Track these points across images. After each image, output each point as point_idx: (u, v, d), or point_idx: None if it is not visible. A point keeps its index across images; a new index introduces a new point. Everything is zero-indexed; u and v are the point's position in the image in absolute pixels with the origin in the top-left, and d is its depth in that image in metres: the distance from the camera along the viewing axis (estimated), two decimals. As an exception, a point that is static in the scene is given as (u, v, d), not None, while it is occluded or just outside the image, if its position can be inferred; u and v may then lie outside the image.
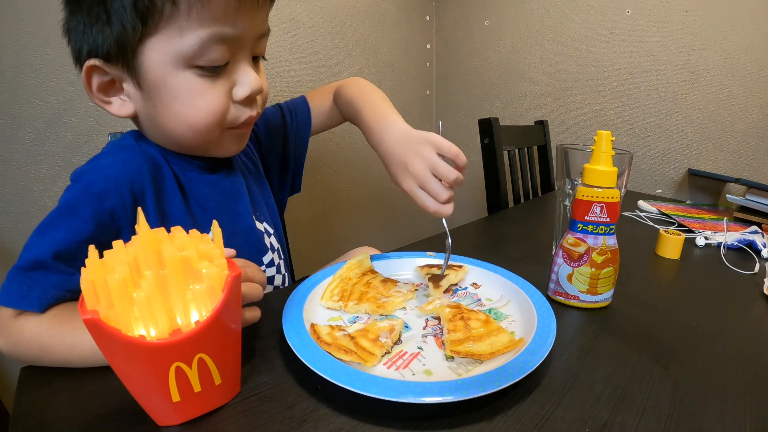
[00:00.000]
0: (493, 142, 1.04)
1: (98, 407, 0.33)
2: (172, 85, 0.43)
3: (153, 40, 0.41)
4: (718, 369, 0.40)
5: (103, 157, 0.48)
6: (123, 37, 0.41)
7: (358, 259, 0.56)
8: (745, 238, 0.75)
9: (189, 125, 0.46)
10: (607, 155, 0.48)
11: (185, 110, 0.44)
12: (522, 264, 0.64)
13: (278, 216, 0.69)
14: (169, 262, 0.29)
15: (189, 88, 0.43)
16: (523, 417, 0.33)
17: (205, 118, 0.45)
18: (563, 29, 1.36)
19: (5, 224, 0.85)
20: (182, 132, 0.46)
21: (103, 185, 0.44)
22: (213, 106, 0.45)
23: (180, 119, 0.45)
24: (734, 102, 1.10)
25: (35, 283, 0.39)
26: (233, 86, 0.46)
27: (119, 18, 0.40)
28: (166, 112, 0.45)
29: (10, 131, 0.83)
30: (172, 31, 0.40)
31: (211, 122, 0.46)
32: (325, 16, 1.30)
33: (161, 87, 0.43)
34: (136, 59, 0.42)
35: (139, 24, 0.40)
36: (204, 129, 0.46)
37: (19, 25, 0.80)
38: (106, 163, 0.46)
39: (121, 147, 0.50)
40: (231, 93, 0.46)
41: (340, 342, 0.39)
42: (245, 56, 0.46)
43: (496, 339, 0.40)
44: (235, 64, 0.45)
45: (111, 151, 0.49)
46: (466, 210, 1.79)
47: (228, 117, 0.47)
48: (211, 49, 0.42)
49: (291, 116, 0.71)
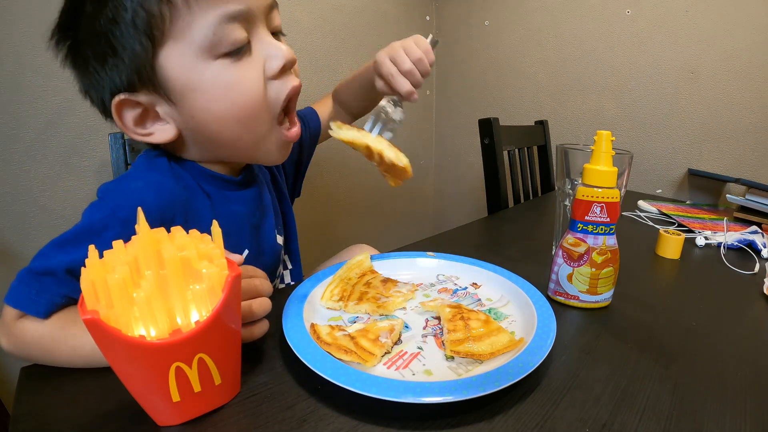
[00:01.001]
0: (493, 142, 1.04)
1: (98, 407, 0.33)
2: (203, 84, 0.41)
3: (166, 48, 0.40)
4: (718, 369, 0.40)
5: (133, 180, 0.46)
6: (136, 60, 0.40)
7: (358, 259, 0.56)
8: (745, 238, 0.75)
9: (234, 118, 0.44)
10: (607, 155, 0.48)
11: (225, 105, 0.43)
12: (522, 264, 0.64)
13: (293, 223, 0.69)
14: (169, 262, 0.29)
15: (220, 81, 0.41)
16: (523, 417, 0.33)
17: (246, 104, 0.43)
18: (563, 29, 1.36)
19: (5, 224, 0.85)
20: (230, 131, 0.44)
21: (130, 212, 0.41)
22: (251, 88, 0.43)
23: (223, 116, 0.43)
24: (734, 102, 1.10)
25: (45, 288, 0.38)
26: (264, 64, 0.44)
27: (124, 43, 0.39)
28: (207, 116, 0.43)
29: (10, 131, 0.83)
30: (181, 31, 0.39)
31: (255, 106, 0.43)
32: (325, 16, 1.31)
33: (193, 92, 0.42)
34: (157, 76, 0.41)
35: (146, 39, 0.39)
36: (250, 117, 0.44)
37: (19, 25, 0.80)
38: (137, 187, 0.44)
39: (153, 168, 0.47)
40: (264, 71, 0.44)
41: (340, 342, 0.39)
42: (263, 31, 0.44)
43: (496, 339, 0.40)
44: (257, 42, 0.43)
45: (143, 174, 0.47)
46: (466, 210, 1.79)
47: (269, 96, 0.45)
48: (226, 30, 0.40)
49: (304, 124, 0.71)
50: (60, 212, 0.90)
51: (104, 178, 0.92)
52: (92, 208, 0.43)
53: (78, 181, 0.91)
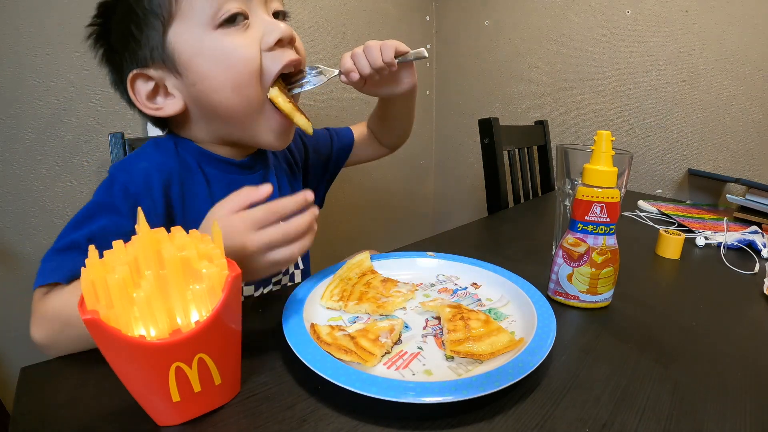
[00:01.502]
0: (493, 142, 1.04)
1: (98, 407, 0.33)
2: (204, 51, 0.45)
3: (174, 26, 0.45)
4: (718, 369, 0.40)
5: (141, 160, 0.50)
6: (150, 41, 0.46)
7: (358, 259, 0.56)
8: (745, 238, 0.75)
9: (230, 84, 0.47)
10: (607, 155, 0.48)
11: (222, 69, 0.46)
12: (522, 264, 0.64)
13: None
14: (169, 262, 0.29)
15: (220, 46, 0.45)
16: (523, 417, 0.33)
17: (241, 70, 0.46)
18: (563, 29, 1.36)
19: (5, 224, 0.85)
20: (227, 99, 0.48)
21: (140, 187, 0.47)
22: (246, 54, 0.46)
23: (220, 84, 0.47)
24: (734, 102, 1.10)
25: (68, 259, 0.41)
26: (262, 38, 0.47)
27: (144, 30, 0.46)
28: (208, 84, 0.47)
29: (10, 131, 0.83)
30: (185, 10, 0.45)
31: (249, 72, 0.46)
32: (325, 16, 1.31)
33: (196, 58, 0.46)
34: (166, 51, 0.46)
35: (158, 21, 0.45)
36: (244, 83, 0.47)
37: (19, 25, 0.80)
38: (144, 166, 0.49)
39: (158, 148, 0.52)
40: (260, 44, 0.47)
41: (340, 342, 0.39)
42: (261, 10, 0.48)
43: (496, 339, 0.40)
44: (255, 18, 0.47)
45: (150, 153, 0.52)
46: (466, 210, 1.79)
47: (264, 65, 0.47)
48: (221, 2, 0.44)
49: (337, 136, 0.76)
50: (60, 212, 0.90)
51: (104, 178, 0.92)
52: (104, 186, 0.47)
53: (78, 181, 0.91)
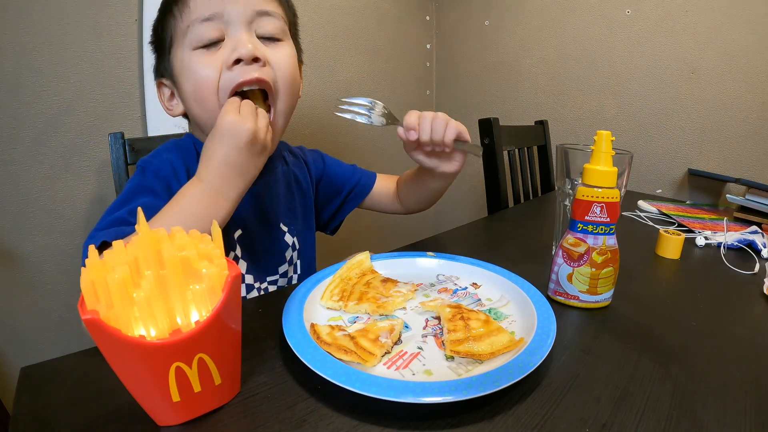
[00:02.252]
0: (493, 142, 1.04)
1: (98, 407, 0.33)
2: (183, 69, 0.53)
3: (174, 48, 0.54)
4: (718, 369, 0.40)
5: (166, 152, 0.58)
6: (164, 58, 0.56)
7: (358, 259, 0.56)
8: (745, 238, 0.75)
9: (194, 99, 0.54)
10: (607, 155, 0.48)
11: (192, 86, 0.53)
12: (522, 264, 0.64)
13: (313, 238, 0.72)
14: (169, 262, 0.29)
15: (190, 65, 0.52)
16: (523, 417, 0.33)
17: (202, 86, 0.52)
18: (563, 29, 1.36)
19: (5, 224, 0.85)
20: (194, 110, 0.55)
21: (169, 171, 0.55)
22: (205, 73, 0.52)
23: (189, 97, 0.54)
24: (734, 102, 1.10)
25: (113, 227, 0.46)
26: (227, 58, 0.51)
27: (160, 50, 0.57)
28: (185, 96, 0.55)
29: (10, 131, 0.83)
30: (179, 35, 0.53)
31: (205, 88, 0.52)
32: (325, 16, 1.31)
33: (180, 79, 0.54)
34: (170, 68, 0.55)
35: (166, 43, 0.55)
36: (202, 98, 0.53)
37: (19, 25, 0.80)
38: (169, 157, 0.57)
39: (179, 146, 0.60)
40: (224, 63, 0.51)
41: (340, 342, 0.39)
42: (239, 32, 0.52)
43: (496, 339, 0.40)
44: (230, 39, 0.52)
45: (172, 149, 0.59)
46: (466, 210, 1.79)
47: (221, 83, 0.52)
48: (200, 29, 0.51)
49: (360, 175, 0.78)
50: (60, 212, 0.90)
51: (104, 178, 0.92)
52: (137, 174, 0.55)
53: (78, 181, 0.91)
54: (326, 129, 1.37)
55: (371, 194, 0.77)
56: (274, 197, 0.64)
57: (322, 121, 1.36)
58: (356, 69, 1.44)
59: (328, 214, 0.78)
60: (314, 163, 0.74)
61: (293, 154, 0.72)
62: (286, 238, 0.64)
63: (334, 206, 0.77)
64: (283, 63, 0.55)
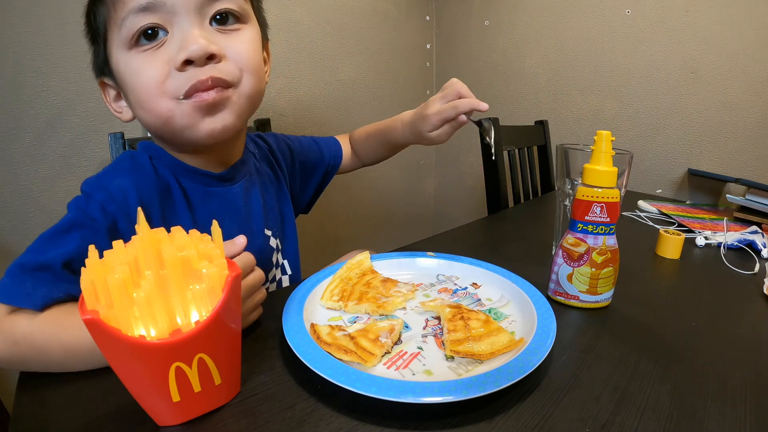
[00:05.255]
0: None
1: (98, 407, 0.33)
2: (122, 74, 0.45)
3: (109, 43, 0.45)
4: (718, 369, 0.40)
5: (117, 177, 0.48)
6: (98, 54, 0.47)
7: (358, 259, 0.56)
8: (745, 238, 0.75)
9: (142, 107, 0.45)
10: (607, 155, 0.48)
11: (137, 92, 0.44)
12: (522, 264, 0.64)
13: (294, 229, 0.70)
14: (169, 262, 0.29)
15: (130, 69, 0.44)
16: (523, 417, 0.33)
17: (146, 92, 0.44)
18: (563, 29, 1.36)
19: (5, 224, 0.85)
20: (145, 119, 0.46)
21: (117, 206, 0.45)
22: (150, 75, 0.43)
23: (138, 105, 0.45)
24: (734, 102, 1.10)
25: (41, 282, 0.38)
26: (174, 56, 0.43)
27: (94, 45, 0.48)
28: (133, 105, 0.47)
29: (10, 131, 0.83)
30: (112, 29, 0.44)
31: (150, 93, 0.43)
32: (325, 16, 1.31)
33: (121, 80, 0.46)
34: (109, 66, 0.46)
35: (99, 36, 0.46)
36: (150, 105, 0.44)
37: (19, 26, 0.80)
38: (121, 184, 0.46)
39: (134, 165, 0.50)
40: (171, 63, 0.43)
41: (340, 342, 0.39)
42: (187, 23, 0.43)
43: (496, 339, 0.40)
44: (178, 33, 0.43)
45: (125, 170, 0.49)
46: (466, 210, 1.79)
47: (169, 86, 0.43)
48: (135, 21, 0.42)
49: (327, 148, 0.77)
50: (60, 212, 0.88)
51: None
52: (79, 201, 0.45)
53: (78, 181, 0.90)
54: (326, 129, 1.37)
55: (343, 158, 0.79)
56: (254, 204, 0.59)
57: (323, 120, 1.36)
58: (356, 69, 1.44)
59: (308, 195, 0.77)
60: (280, 151, 0.70)
61: (256, 144, 0.67)
62: (270, 243, 0.62)
63: (312, 187, 0.77)
64: (245, 54, 0.46)
